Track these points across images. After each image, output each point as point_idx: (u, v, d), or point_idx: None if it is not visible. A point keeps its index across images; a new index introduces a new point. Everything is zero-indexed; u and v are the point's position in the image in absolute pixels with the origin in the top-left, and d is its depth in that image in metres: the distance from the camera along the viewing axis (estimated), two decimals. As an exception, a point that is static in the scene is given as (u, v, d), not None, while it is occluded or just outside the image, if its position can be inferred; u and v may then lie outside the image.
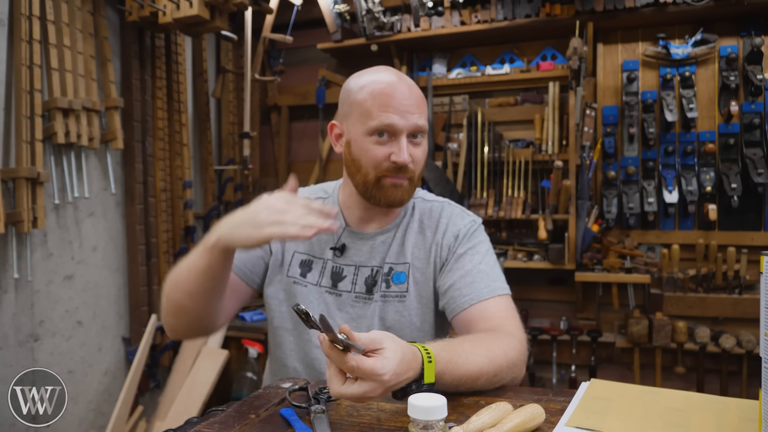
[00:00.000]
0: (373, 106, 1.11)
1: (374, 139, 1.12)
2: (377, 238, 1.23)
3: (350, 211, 1.25)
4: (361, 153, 1.14)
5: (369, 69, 1.19)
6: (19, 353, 2.14)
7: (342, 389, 0.79)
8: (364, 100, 1.12)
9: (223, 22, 2.52)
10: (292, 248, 1.26)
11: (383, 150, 1.12)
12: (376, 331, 0.82)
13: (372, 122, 1.11)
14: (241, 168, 3.13)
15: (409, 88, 1.13)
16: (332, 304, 1.22)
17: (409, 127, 1.11)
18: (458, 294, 1.15)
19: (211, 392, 2.64)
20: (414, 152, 1.13)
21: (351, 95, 1.16)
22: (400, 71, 1.20)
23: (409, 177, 1.15)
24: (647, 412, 0.86)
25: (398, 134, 1.11)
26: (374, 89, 1.12)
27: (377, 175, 1.13)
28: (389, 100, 1.10)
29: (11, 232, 2.07)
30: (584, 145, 2.69)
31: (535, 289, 3.03)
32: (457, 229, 1.22)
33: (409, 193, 1.17)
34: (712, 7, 2.55)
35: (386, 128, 1.10)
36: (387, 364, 0.78)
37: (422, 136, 1.15)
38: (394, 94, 1.11)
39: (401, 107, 1.10)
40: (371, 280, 1.21)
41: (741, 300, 2.62)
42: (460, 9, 2.93)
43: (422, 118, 1.13)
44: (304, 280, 1.23)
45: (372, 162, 1.13)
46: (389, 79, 1.13)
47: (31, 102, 2.09)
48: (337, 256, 1.23)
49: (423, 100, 1.16)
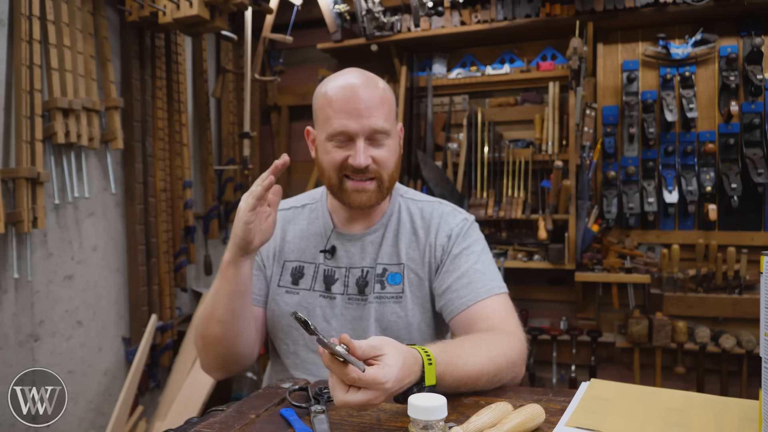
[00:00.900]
0: (330, 112, 1.13)
1: (334, 143, 1.14)
2: (365, 239, 1.24)
3: (337, 214, 1.27)
4: (323, 157, 1.17)
5: (337, 73, 1.20)
6: (19, 353, 2.14)
7: (346, 398, 0.78)
8: (323, 106, 1.15)
9: (223, 22, 2.52)
10: (282, 258, 1.27)
11: (341, 153, 1.14)
12: (376, 337, 0.82)
13: (329, 128, 1.13)
14: (241, 168, 3.13)
15: (369, 90, 1.13)
16: (327, 307, 1.22)
17: (365, 130, 1.12)
18: (456, 296, 1.15)
19: (211, 392, 2.64)
20: (376, 153, 1.14)
21: (316, 101, 1.19)
22: (368, 72, 1.19)
23: (375, 178, 1.16)
24: (647, 412, 0.86)
25: (354, 138, 1.12)
26: (332, 95, 1.14)
27: (338, 177, 1.16)
28: (345, 105, 1.12)
29: (11, 232, 2.06)
30: (584, 145, 2.69)
31: (535, 289, 3.03)
32: (450, 229, 1.22)
33: (378, 195, 1.18)
34: (712, 7, 2.55)
35: (341, 134, 1.12)
36: (389, 372, 0.78)
37: (385, 136, 1.15)
38: (350, 98, 1.12)
39: (356, 111, 1.11)
40: (362, 281, 1.22)
41: (741, 300, 2.62)
42: (460, 9, 2.93)
43: (381, 119, 1.13)
44: (296, 288, 1.24)
45: (331, 165, 1.15)
46: (348, 83, 1.14)
47: (31, 102, 2.09)
48: (327, 258, 1.24)
49: (385, 101, 1.15)
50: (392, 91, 1.21)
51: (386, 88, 1.18)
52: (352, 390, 0.78)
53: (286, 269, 1.26)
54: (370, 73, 1.19)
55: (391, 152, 1.17)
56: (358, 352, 0.78)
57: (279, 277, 1.26)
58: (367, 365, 0.78)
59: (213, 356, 1.19)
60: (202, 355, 1.22)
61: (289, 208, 1.32)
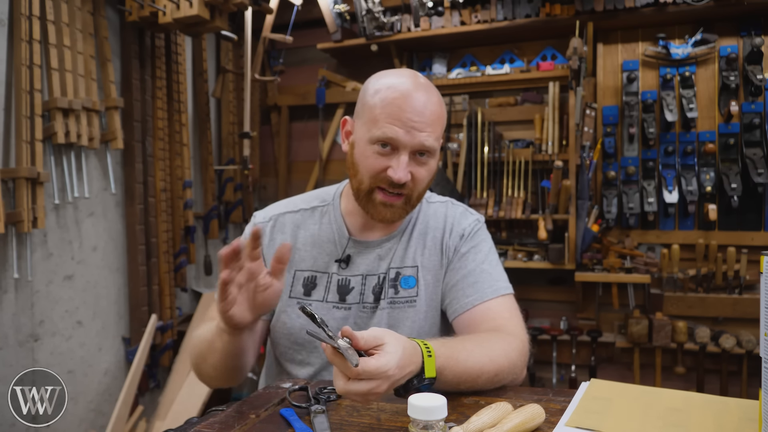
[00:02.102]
0: (381, 115, 1.05)
1: (376, 148, 1.07)
2: (384, 246, 1.19)
3: (353, 218, 1.20)
4: (360, 158, 1.10)
5: (393, 71, 1.13)
6: (19, 353, 2.13)
7: (348, 386, 0.78)
8: (374, 105, 1.07)
9: (223, 22, 2.51)
10: (292, 267, 1.20)
11: (382, 162, 1.07)
12: (376, 328, 0.82)
13: (376, 131, 1.06)
14: (241, 168, 3.13)
15: (425, 103, 1.06)
16: (340, 319, 1.16)
17: (414, 144, 1.05)
18: (461, 294, 1.14)
19: (211, 392, 2.64)
20: (416, 171, 1.08)
21: (365, 96, 1.11)
22: (428, 81, 1.12)
23: (406, 195, 1.10)
24: (647, 412, 0.86)
25: (400, 149, 1.06)
26: (386, 96, 1.06)
27: (371, 185, 1.09)
28: (398, 113, 1.04)
29: (11, 232, 2.06)
30: (584, 145, 2.69)
31: (535, 289, 3.03)
32: (462, 228, 1.21)
33: (402, 213, 1.13)
34: (712, 7, 2.55)
35: (389, 141, 1.05)
36: (390, 360, 0.78)
37: (429, 155, 1.09)
38: (405, 106, 1.04)
39: (409, 122, 1.04)
40: (378, 288, 1.17)
41: (741, 300, 2.62)
42: (460, 9, 2.93)
43: (432, 137, 1.07)
44: (308, 299, 1.18)
45: (368, 171, 1.08)
46: (406, 89, 1.06)
47: (31, 102, 2.08)
48: (342, 268, 1.18)
49: (439, 118, 1.09)
50: (445, 106, 1.15)
51: (442, 102, 1.12)
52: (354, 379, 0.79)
53: (298, 279, 1.19)
54: (430, 83, 1.12)
55: (430, 172, 1.11)
56: (360, 343, 0.79)
57: (290, 287, 1.19)
58: (369, 355, 0.79)
59: (209, 380, 1.16)
60: (198, 376, 1.16)
61: (298, 210, 1.24)
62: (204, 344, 1.07)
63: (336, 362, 0.79)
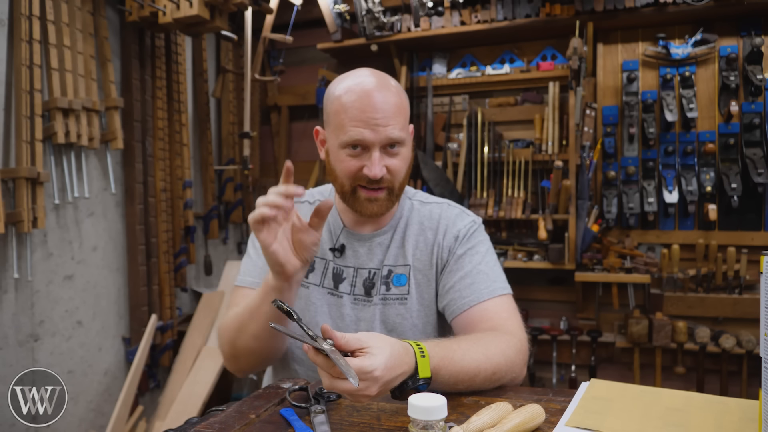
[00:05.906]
0: (345, 119, 1.09)
1: (347, 151, 1.10)
2: (374, 240, 1.23)
3: (346, 214, 1.25)
4: (336, 164, 1.14)
5: (349, 73, 1.15)
6: (19, 353, 2.13)
7: (334, 382, 0.79)
8: (337, 111, 1.10)
9: (223, 22, 2.52)
10: None
11: (356, 163, 1.11)
12: (362, 333, 0.83)
13: (343, 136, 1.09)
14: (241, 168, 3.13)
15: (384, 99, 1.09)
16: (334, 305, 1.22)
17: (382, 140, 1.09)
18: (458, 296, 1.15)
19: (211, 392, 2.64)
20: (390, 163, 1.12)
21: (328, 104, 1.14)
22: (381, 73, 1.15)
23: (387, 187, 1.14)
24: (647, 412, 0.86)
25: (371, 147, 1.09)
26: (346, 101, 1.09)
27: (352, 185, 1.13)
28: (360, 114, 1.08)
29: (11, 232, 2.06)
30: (584, 145, 2.69)
31: (535, 289, 3.03)
32: (457, 230, 1.21)
33: (388, 204, 1.16)
34: (712, 7, 2.55)
35: (357, 142, 1.09)
36: (375, 361, 0.79)
37: (399, 145, 1.12)
38: (365, 107, 1.07)
39: (372, 121, 1.07)
40: (369, 282, 1.21)
41: (741, 300, 2.62)
42: (460, 9, 2.93)
43: (397, 128, 1.10)
44: (306, 281, 1.23)
45: (346, 174, 1.12)
46: (362, 89, 1.09)
47: (31, 102, 2.09)
48: (336, 256, 1.23)
49: (400, 108, 1.12)
50: (405, 92, 1.18)
51: (400, 90, 1.15)
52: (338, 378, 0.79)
53: None
54: (383, 74, 1.15)
55: (405, 160, 1.15)
56: (341, 342, 0.80)
57: None
58: (353, 357, 0.80)
59: (245, 364, 1.17)
60: (231, 361, 1.18)
61: (303, 202, 1.31)
62: (245, 315, 1.09)
63: (318, 362, 0.80)
